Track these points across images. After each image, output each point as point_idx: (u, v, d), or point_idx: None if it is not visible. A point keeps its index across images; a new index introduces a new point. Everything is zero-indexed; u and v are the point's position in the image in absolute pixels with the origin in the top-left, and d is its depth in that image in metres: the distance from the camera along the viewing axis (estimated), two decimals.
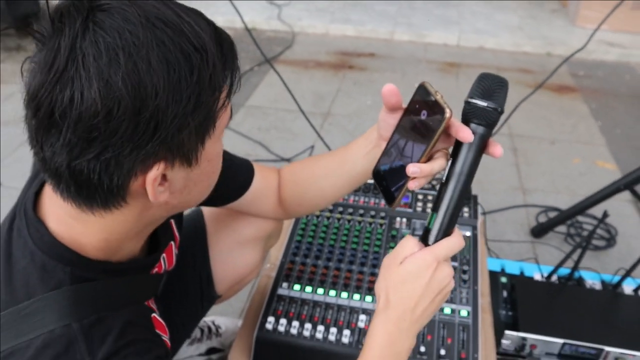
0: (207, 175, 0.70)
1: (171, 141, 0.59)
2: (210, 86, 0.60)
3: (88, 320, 0.65)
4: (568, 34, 3.92)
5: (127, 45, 0.54)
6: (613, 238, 2.01)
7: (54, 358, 0.62)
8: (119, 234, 0.69)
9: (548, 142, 2.66)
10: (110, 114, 0.54)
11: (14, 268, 0.68)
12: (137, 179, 0.61)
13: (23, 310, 0.65)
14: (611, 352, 1.33)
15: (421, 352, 1.15)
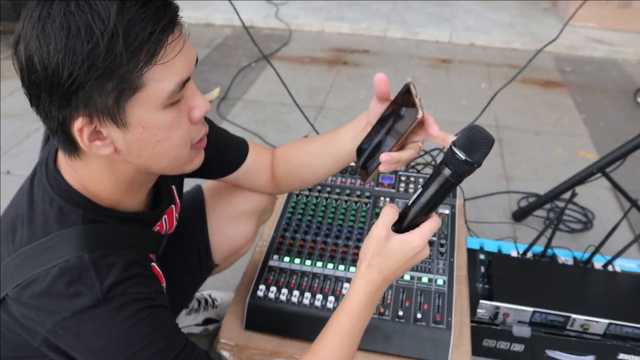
0: (151, 142, 0.76)
1: (77, 99, 0.69)
2: (108, 56, 0.66)
3: (97, 254, 0.76)
4: (557, 31, 4.02)
5: (43, 21, 0.66)
6: (590, 221, 2.11)
7: (69, 283, 0.74)
8: (106, 185, 0.81)
9: (533, 134, 2.77)
10: (30, 69, 0.68)
11: (35, 211, 0.80)
12: (71, 130, 0.72)
13: (42, 245, 0.77)
14: (577, 319, 1.43)
15: (399, 316, 1.26)
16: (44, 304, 0.75)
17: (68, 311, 0.74)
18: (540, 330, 1.46)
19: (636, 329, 1.42)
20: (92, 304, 0.74)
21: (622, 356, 1.46)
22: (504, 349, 1.53)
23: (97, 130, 0.73)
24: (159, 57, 0.70)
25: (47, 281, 0.74)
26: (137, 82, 0.70)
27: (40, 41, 0.66)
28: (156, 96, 0.72)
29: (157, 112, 0.74)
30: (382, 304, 1.28)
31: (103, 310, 0.75)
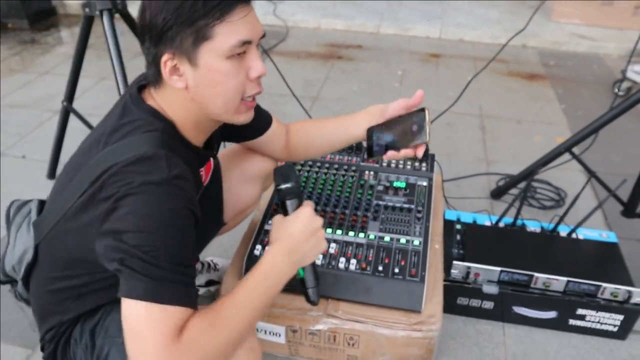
0: (212, 82, 0.98)
1: (167, 38, 0.94)
2: (191, 10, 0.92)
3: (171, 153, 0.97)
4: (543, 27, 4.20)
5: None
6: (562, 199, 2.29)
7: (144, 165, 0.93)
8: (179, 114, 1.04)
9: (514, 122, 2.95)
10: (142, 18, 0.97)
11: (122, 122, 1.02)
12: (160, 63, 0.97)
13: (126, 143, 0.98)
14: (540, 278, 1.61)
15: (379, 271, 1.43)
16: (119, 178, 0.93)
17: (137, 182, 0.91)
18: (507, 288, 1.64)
19: (591, 286, 1.59)
20: (157, 180, 0.91)
21: (581, 311, 1.64)
22: (476, 307, 1.70)
23: (176, 67, 0.97)
24: (226, 16, 0.94)
25: (126, 163, 0.93)
26: (208, 32, 0.94)
27: (151, 4, 0.94)
28: (221, 46, 0.95)
29: (220, 60, 0.96)
30: (364, 261, 1.45)
31: (162, 190, 0.91)
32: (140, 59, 1.07)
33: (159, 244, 0.89)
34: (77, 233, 1.01)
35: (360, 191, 1.67)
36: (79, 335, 1.14)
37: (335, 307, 1.43)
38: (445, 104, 3.06)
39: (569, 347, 1.67)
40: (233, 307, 0.96)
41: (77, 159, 1.08)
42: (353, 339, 1.44)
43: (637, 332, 1.69)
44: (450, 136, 2.77)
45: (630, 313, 1.61)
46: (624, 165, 2.55)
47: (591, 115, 3.00)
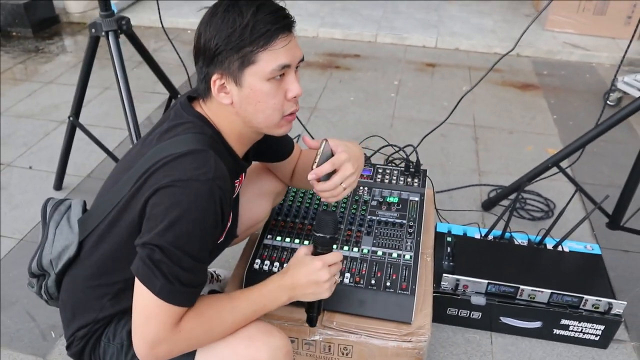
0: (254, 101, 1.11)
1: (223, 63, 1.07)
2: (243, 37, 1.04)
3: (217, 155, 1.09)
4: (537, 36, 4.28)
5: (214, 15, 1.07)
6: (551, 210, 2.37)
7: (194, 160, 1.05)
8: (225, 125, 1.17)
9: (507, 132, 3.03)
10: (197, 42, 1.10)
11: (174, 123, 1.15)
12: (211, 81, 1.10)
13: (179, 139, 1.10)
14: (525, 290, 1.69)
15: (372, 284, 1.51)
16: (167, 168, 1.05)
17: (186, 175, 1.02)
18: (494, 300, 1.72)
19: (574, 298, 1.68)
20: (203, 177, 1.02)
21: (564, 321, 1.72)
22: (465, 317, 1.79)
23: (224, 85, 1.10)
24: (269, 45, 1.06)
25: (177, 155, 1.05)
26: (253, 58, 1.06)
27: (206, 26, 1.07)
28: (263, 70, 1.07)
29: (262, 81, 1.09)
30: (358, 274, 1.53)
31: (206, 187, 1.02)
32: (142, 68, 1.19)
33: (186, 240, 1.02)
34: (122, 229, 1.12)
35: (355, 206, 1.75)
36: (112, 334, 1.22)
37: (330, 318, 1.51)
38: (440, 114, 3.16)
39: (553, 356, 1.75)
40: (231, 310, 1.13)
41: (129, 158, 1.19)
42: (347, 349, 1.52)
43: (617, 341, 1.77)
44: (444, 147, 2.85)
45: (610, 323, 1.69)
46: (613, 176, 2.64)
47: (582, 125, 3.10)
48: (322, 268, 1.18)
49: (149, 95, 3.33)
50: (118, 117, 2.97)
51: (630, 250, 2.18)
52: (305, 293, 1.20)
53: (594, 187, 2.48)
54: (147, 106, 3.20)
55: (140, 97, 3.24)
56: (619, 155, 2.80)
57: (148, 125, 3.00)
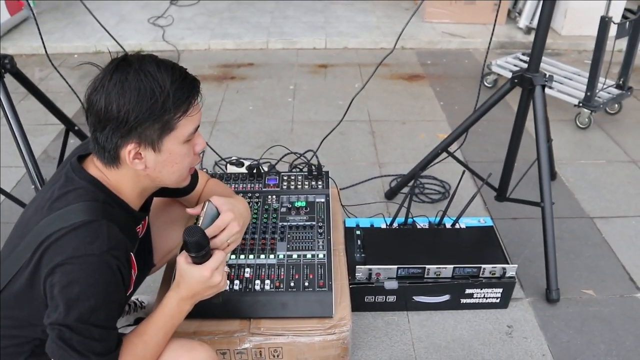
0: (171, 163, 1.15)
1: (140, 132, 1.07)
2: (164, 107, 1.06)
3: (109, 223, 1.09)
4: (418, 28, 4.56)
5: (122, 81, 1.05)
6: (447, 192, 2.58)
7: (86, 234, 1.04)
8: (128, 187, 1.17)
9: (400, 123, 3.23)
10: (107, 115, 1.05)
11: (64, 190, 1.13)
12: (122, 150, 1.09)
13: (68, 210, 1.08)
14: (431, 268, 1.85)
15: (291, 287, 1.60)
16: (59, 245, 1.04)
17: (79, 251, 1.02)
18: (405, 282, 1.87)
19: (474, 268, 1.86)
20: (97, 252, 1.03)
21: (468, 291, 1.90)
22: (382, 302, 1.93)
23: (139, 152, 1.11)
24: (189, 112, 1.11)
25: (67, 230, 1.04)
26: (174, 125, 1.10)
27: (119, 95, 1.05)
28: (182, 135, 1.13)
29: (179, 145, 1.14)
30: (277, 280, 1.62)
31: (101, 261, 1.03)
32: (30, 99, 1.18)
33: (90, 313, 1.03)
34: (32, 301, 1.10)
35: (266, 215, 1.83)
36: None
37: (257, 325, 1.58)
38: (336, 113, 3.30)
39: (463, 322, 1.93)
40: (144, 346, 1.16)
41: (24, 223, 1.16)
42: (277, 351, 1.60)
43: (515, 299, 2.00)
44: (344, 145, 2.99)
45: (507, 286, 1.90)
46: (497, 152, 2.90)
47: (466, 108, 3.36)
48: (212, 275, 1.20)
49: (42, 127, 3.21)
50: (11, 154, 2.85)
51: (518, 217, 2.43)
52: (205, 295, 1.24)
53: (481, 164, 2.73)
54: (42, 139, 3.09)
55: (33, 130, 3.12)
56: (500, 132, 3.07)
57: (46, 160, 2.90)
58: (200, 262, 1.21)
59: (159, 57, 1.13)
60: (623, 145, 3.03)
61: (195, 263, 1.20)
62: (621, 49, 3.21)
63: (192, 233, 1.17)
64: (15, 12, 4.64)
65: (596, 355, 1.81)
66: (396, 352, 1.82)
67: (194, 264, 1.20)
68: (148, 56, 1.11)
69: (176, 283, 1.22)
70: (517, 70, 2.07)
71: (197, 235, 1.18)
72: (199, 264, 1.20)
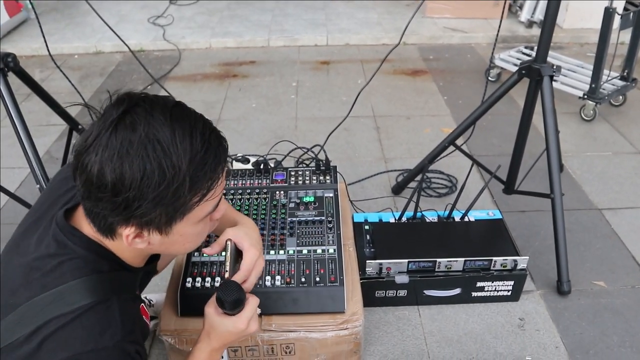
0: (182, 243, 0.95)
1: (138, 217, 0.84)
2: (179, 190, 0.82)
3: (120, 296, 0.92)
4: (419, 24, 4.55)
5: (122, 151, 0.79)
6: (454, 185, 2.57)
7: (98, 322, 0.86)
8: (128, 254, 0.98)
9: (405, 118, 3.22)
10: (99, 187, 0.81)
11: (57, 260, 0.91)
12: (119, 229, 0.88)
13: (65, 290, 0.88)
14: (442, 262, 1.84)
15: (302, 282, 1.59)
16: (64, 336, 0.84)
17: (89, 346, 0.83)
18: (416, 276, 1.86)
19: (485, 261, 1.84)
20: (111, 343, 0.85)
21: (479, 284, 1.89)
22: (392, 296, 1.91)
23: (141, 234, 0.89)
24: (208, 196, 0.88)
25: (72, 319, 0.85)
26: (187, 210, 0.87)
27: (118, 169, 0.79)
28: (198, 216, 0.91)
29: (193, 226, 0.92)
30: (287, 275, 1.60)
31: (116, 353, 0.85)
32: (32, 100, 1.03)
33: None
34: None
35: (274, 211, 1.82)
36: None
37: (269, 321, 1.57)
38: (340, 109, 3.29)
39: (474, 316, 1.91)
40: None
41: (13, 281, 0.94)
42: (289, 347, 1.59)
43: (526, 292, 1.98)
44: (349, 140, 2.98)
45: (518, 278, 1.88)
46: (503, 145, 2.89)
47: (470, 102, 3.35)
48: (248, 325, 1.08)
49: (44, 128, 3.19)
50: (14, 156, 2.84)
51: (526, 210, 2.41)
52: (238, 341, 1.18)
53: (488, 158, 2.71)
54: (45, 140, 3.07)
55: (35, 131, 3.06)
56: (505, 126, 3.06)
57: (49, 161, 2.89)
58: (234, 314, 1.10)
59: (173, 105, 0.86)
60: (629, 137, 3.02)
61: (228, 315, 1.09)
62: (624, 42, 3.19)
63: (228, 290, 1.06)
64: (15, 13, 4.62)
65: (609, 346, 1.80)
66: (408, 346, 1.81)
67: (225, 315, 1.08)
68: (159, 108, 0.84)
69: (206, 333, 1.09)
70: (524, 61, 2.06)
71: (235, 293, 1.06)
72: (233, 315, 1.09)
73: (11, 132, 2.03)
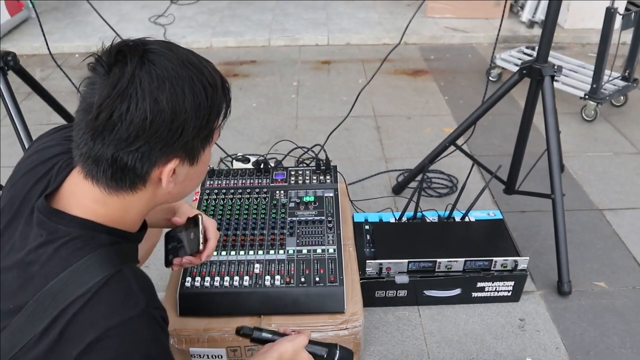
0: (200, 174, 0.96)
1: (187, 144, 0.86)
2: (215, 110, 0.87)
3: (129, 265, 0.89)
4: (420, 24, 4.54)
5: (170, 77, 0.81)
6: (455, 185, 2.56)
7: (117, 293, 0.83)
8: (133, 213, 0.93)
9: (405, 118, 3.21)
10: (154, 120, 0.80)
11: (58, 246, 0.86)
12: (158, 169, 0.86)
13: (73, 272, 0.84)
14: (442, 262, 1.83)
15: (302, 282, 1.58)
16: (87, 316, 0.81)
17: (115, 319, 0.81)
18: (416, 276, 1.85)
19: (485, 261, 1.84)
20: (136, 311, 0.83)
21: (480, 284, 1.88)
22: (392, 296, 1.91)
23: (175, 169, 0.89)
24: (226, 117, 0.93)
25: (90, 297, 0.81)
26: (214, 130, 0.91)
27: (172, 95, 0.81)
28: (214, 139, 0.93)
29: (209, 154, 0.95)
30: (287, 275, 1.60)
31: (144, 320, 0.83)
32: (32, 99, 1.01)
33: None
34: None
35: (274, 211, 1.81)
36: None
37: (268, 321, 1.57)
38: (341, 109, 3.29)
39: (475, 316, 1.91)
40: None
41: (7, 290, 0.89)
42: None
43: (527, 293, 1.97)
44: (349, 140, 2.97)
45: (519, 278, 1.88)
46: (504, 146, 2.88)
47: (471, 102, 3.34)
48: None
49: (45, 127, 3.17)
50: (14, 155, 2.83)
51: (527, 210, 2.41)
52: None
53: (488, 158, 2.70)
54: None
55: (35, 131, 3.07)
56: (506, 126, 3.05)
57: None
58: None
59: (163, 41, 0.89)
60: (630, 137, 3.01)
61: None
62: (625, 42, 3.19)
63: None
64: (15, 12, 4.62)
65: (610, 347, 1.79)
66: (408, 347, 1.80)
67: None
68: (160, 42, 0.86)
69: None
70: (525, 61, 2.05)
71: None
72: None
73: (11, 132, 2.03)
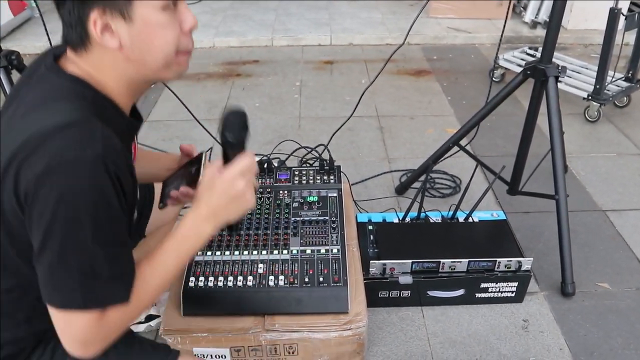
0: (150, 37, 0.92)
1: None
2: None
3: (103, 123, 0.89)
4: (423, 24, 4.54)
5: None
6: (458, 186, 2.56)
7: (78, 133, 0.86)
8: (109, 76, 0.96)
9: (408, 118, 3.21)
10: None
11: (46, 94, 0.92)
12: (88, 23, 0.88)
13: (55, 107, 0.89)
14: (446, 262, 1.83)
15: (306, 282, 1.58)
16: (46, 147, 0.83)
17: (69, 155, 0.83)
18: (419, 277, 1.85)
19: (489, 262, 1.83)
20: (92, 155, 0.84)
21: (483, 285, 1.88)
22: (396, 297, 1.90)
23: (108, 24, 0.89)
24: None
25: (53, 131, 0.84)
26: None
27: None
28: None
29: (156, 12, 0.91)
30: (291, 275, 1.59)
31: (96, 166, 0.84)
32: None
33: (93, 233, 0.86)
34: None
35: (278, 210, 1.81)
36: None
37: (272, 321, 1.57)
38: (344, 109, 3.28)
39: (478, 317, 1.91)
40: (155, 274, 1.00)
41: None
42: (292, 348, 1.59)
43: (530, 293, 1.97)
44: (352, 140, 2.97)
45: (522, 279, 1.87)
46: (507, 146, 2.88)
47: (474, 103, 3.34)
48: (233, 179, 0.98)
49: None
50: None
51: (530, 210, 2.40)
52: (229, 212, 1.02)
53: (492, 158, 2.69)
54: None
55: None
56: (510, 126, 3.05)
57: None
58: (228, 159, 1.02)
59: None
60: (633, 138, 3.01)
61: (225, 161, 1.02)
62: (628, 43, 3.18)
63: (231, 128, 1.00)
64: (18, 12, 4.63)
65: (613, 348, 1.79)
66: (412, 347, 1.80)
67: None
68: None
69: (196, 199, 1.03)
70: (529, 62, 2.05)
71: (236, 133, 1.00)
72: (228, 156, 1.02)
73: None
